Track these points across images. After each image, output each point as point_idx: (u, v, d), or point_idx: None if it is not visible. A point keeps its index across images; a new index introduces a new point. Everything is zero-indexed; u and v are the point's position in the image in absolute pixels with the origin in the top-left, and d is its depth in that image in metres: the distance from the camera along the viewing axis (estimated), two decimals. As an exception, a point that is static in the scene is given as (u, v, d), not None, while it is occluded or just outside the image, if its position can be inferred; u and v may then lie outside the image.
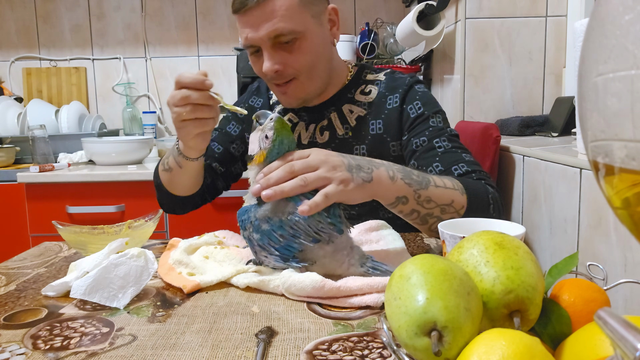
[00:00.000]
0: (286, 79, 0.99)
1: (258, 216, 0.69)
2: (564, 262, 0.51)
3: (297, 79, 0.99)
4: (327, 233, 0.68)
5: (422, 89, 1.07)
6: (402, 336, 0.42)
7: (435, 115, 1.03)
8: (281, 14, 0.92)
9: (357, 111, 1.07)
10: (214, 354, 0.51)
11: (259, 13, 0.92)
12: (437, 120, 1.03)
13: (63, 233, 0.85)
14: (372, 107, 1.06)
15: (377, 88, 1.08)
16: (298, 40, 0.95)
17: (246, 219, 0.71)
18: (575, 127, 1.16)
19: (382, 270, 0.67)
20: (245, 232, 0.72)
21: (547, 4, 1.54)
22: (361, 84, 1.10)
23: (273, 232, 0.68)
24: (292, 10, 0.93)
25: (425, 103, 1.04)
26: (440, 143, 0.98)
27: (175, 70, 2.48)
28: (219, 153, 1.14)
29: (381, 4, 2.43)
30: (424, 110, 1.03)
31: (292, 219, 0.67)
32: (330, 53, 1.04)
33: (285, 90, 1.01)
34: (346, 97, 1.08)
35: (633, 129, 0.26)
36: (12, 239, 1.89)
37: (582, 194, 0.89)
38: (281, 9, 0.92)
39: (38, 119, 2.15)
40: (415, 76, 1.11)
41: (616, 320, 0.26)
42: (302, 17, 0.94)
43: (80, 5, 2.45)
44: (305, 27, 0.95)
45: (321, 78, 1.03)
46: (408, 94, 1.05)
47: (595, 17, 0.29)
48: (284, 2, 0.92)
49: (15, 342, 0.55)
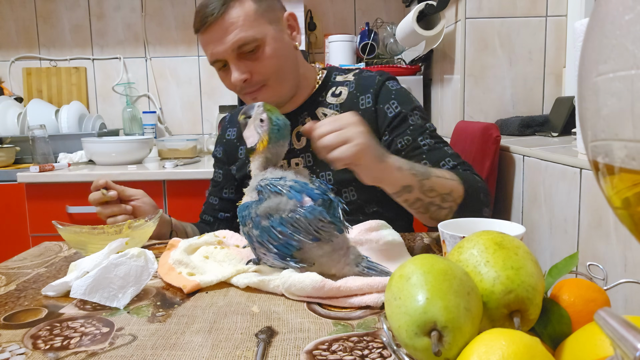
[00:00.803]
0: (256, 87, 1.02)
1: (259, 212, 0.69)
2: (564, 262, 0.51)
3: (267, 84, 1.02)
4: (327, 232, 0.68)
5: (394, 86, 1.08)
6: (402, 336, 0.42)
7: (413, 112, 1.05)
8: (240, 24, 0.96)
9: (329, 113, 1.08)
10: (214, 354, 0.52)
11: (218, 28, 0.97)
12: (416, 118, 1.04)
13: (63, 233, 0.85)
14: (344, 108, 1.08)
15: (347, 89, 1.10)
16: (261, 47, 0.99)
17: (247, 214, 0.71)
18: (575, 127, 1.16)
19: (378, 270, 0.68)
20: (245, 227, 0.71)
21: (547, 4, 1.54)
22: (331, 86, 1.11)
23: (273, 228, 0.68)
24: (250, 19, 0.97)
25: (401, 101, 1.05)
26: (425, 141, 1.02)
27: (175, 70, 2.49)
28: (218, 204, 1.21)
29: (381, 4, 2.43)
30: (402, 109, 1.04)
31: (293, 216, 0.67)
32: (294, 56, 1.06)
33: (257, 96, 1.03)
34: (318, 101, 1.10)
35: (633, 129, 0.26)
36: (12, 239, 1.89)
37: (582, 194, 0.89)
38: (239, 20, 0.96)
39: (38, 119, 2.15)
40: (385, 73, 1.12)
41: (616, 320, 0.26)
42: (260, 25, 0.98)
43: (80, 5, 2.46)
44: (265, 33, 0.99)
45: (290, 80, 1.05)
46: (381, 92, 1.07)
47: (595, 17, 0.29)
48: (241, 13, 0.97)
49: (15, 342, 0.55)
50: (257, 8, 0.99)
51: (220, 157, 1.21)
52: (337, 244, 0.69)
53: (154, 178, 1.82)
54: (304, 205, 0.68)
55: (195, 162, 2.02)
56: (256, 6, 0.99)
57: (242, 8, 0.97)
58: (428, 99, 2.06)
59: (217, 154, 1.23)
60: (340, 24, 2.45)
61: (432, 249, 0.87)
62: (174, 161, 1.93)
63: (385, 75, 1.10)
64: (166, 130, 2.52)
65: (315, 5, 2.43)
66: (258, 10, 0.98)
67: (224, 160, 1.20)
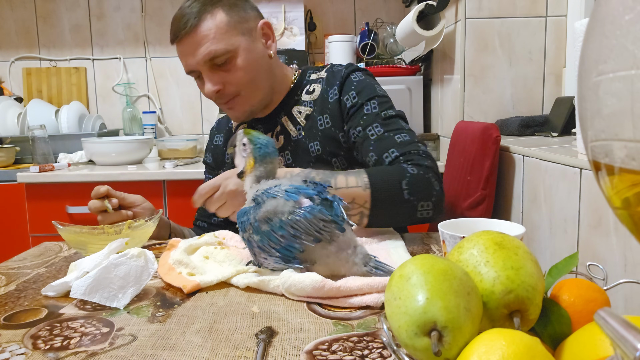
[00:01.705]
0: (229, 97, 1.04)
1: (258, 217, 0.69)
2: (564, 262, 0.51)
3: (240, 94, 1.04)
4: (328, 232, 0.67)
5: (358, 77, 1.09)
6: (402, 336, 0.42)
7: (370, 101, 1.04)
8: (212, 36, 0.98)
9: (304, 110, 1.10)
10: (214, 354, 0.51)
11: (192, 40, 0.99)
12: (372, 106, 1.03)
13: (63, 233, 0.85)
14: (317, 104, 1.09)
15: (320, 85, 1.11)
16: (233, 59, 1.01)
17: (245, 220, 0.71)
18: (575, 127, 1.16)
19: (385, 270, 0.67)
20: (245, 234, 0.71)
21: (547, 4, 1.54)
22: (305, 84, 1.13)
23: (273, 232, 0.68)
24: (222, 32, 0.99)
25: (359, 91, 1.06)
26: (373, 130, 1.01)
27: (175, 70, 2.49)
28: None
29: (381, 4, 2.43)
30: (358, 99, 1.05)
31: (292, 218, 0.67)
32: (267, 65, 1.07)
33: (232, 105, 1.06)
34: (293, 100, 1.12)
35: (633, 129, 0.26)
36: (12, 239, 1.89)
37: (582, 194, 0.89)
38: (211, 32, 0.98)
39: (38, 119, 2.15)
40: (352, 65, 1.13)
41: (616, 320, 0.26)
42: (232, 37, 1.00)
43: (80, 5, 2.46)
44: (237, 45, 1.00)
45: (263, 89, 1.07)
46: (345, 84, 1.08)
47: (595, 17, 0.29)
48: (212, 25, 0.98)
49: (15, 342, 0.55)
50: (229, 20, 1.00)
51: (210, 162, 1.24)
52: (343, 243, 0.68)
53: (154, 178, 1.82)
54: (302, 206, 0.67)
55: (195, 162, 2.02)
56: (228, 18, 1.00)
57: (214, 20, 0.98)
58: (428, 99, 2.06)
59: (207, 159, 1.25)
60: (340, 24, 2.45)
61: (432, 249, 0.87)
62: (173, 161, 1.93)
63: (351, 67, 1.11)
64: (166, 131, 2.52)
65: (315, 5, 2.43)
66: (230, 22, 1.00)
67: (213, 166, 1.23)
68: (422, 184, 0.90)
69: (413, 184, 0.89)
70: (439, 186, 0.92)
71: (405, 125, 1.03)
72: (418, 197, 0.89)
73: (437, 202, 0.91)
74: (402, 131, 1.00)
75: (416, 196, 0.89)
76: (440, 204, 0.92)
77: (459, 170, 1.39)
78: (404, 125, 1.02)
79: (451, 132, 1.58)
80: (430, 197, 0.90)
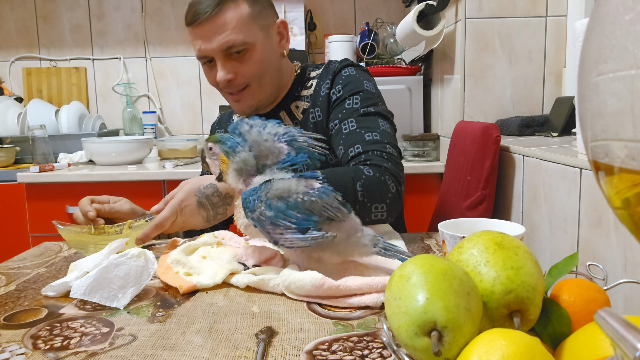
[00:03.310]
0: (238, 88, 1.04)
1: (269, 195, 0.68)
2: (564, 262, 0.51)
3: (249, 87, 1.04)
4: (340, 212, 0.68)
5: (349, 72, 1.09)
6: (402, 336, 0.42)
7: (353, 96, 1.05)
8: (232, 26, 0.98)
9: (301, 105, 1.12)
10: (214, 354, 0.52)
11: (211, 26, 0.98)
12: (354, 101, 1.04)
13: (63, 233, 0.85)
14: (313, 99, 1.11)
15: (316, 80, 1.13)
16: (248, 51, 1.01)
17: (256, 198, 0.69)
18: (575, 127, 1.16)
19: (394, 250, 0.68)
20: (255, 213, 0.69)
21: (547, 4, 1.54)
22: (305, 81, 1.14)
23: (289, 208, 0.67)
24: (243, 23, 0.99)
25: (345, 85, 1.07)
26: (347, 125, 1.01)
27: (175, 70, 2.49)
28: None
29: (381, 4, 2.43)
30: (343, 93, 1.06)
31: (308, 199, 0.67)
32: (278, 64, 1.08)
33: (239, 98, 1.06)
34: (293, 96, 1.13)
35: (633, 129, 0.26)
36: (12, 239, 1.89)
37: (582, 194, 0.89)
38: (232, 22, 0.98)
39: (38, 119, 2.15)
40: (348, 60, 1.13)
41: (616, 320, 0.26)
42: (251, 30, 1.00)
43: (80, 5, 2.45)
44: (255, 38, 1.01)
45: (271, 86, 1.08)
46: (335, 78, 1.09)
47: (595, 17, 0.29)
48: (235, 15, 0.98)
49: (15, 342, 0.55)
50: (251, 12, 1.00)
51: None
52: (350, 227, 0.69)
53: (154, 178, 1.82)
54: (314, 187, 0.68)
55: (195, 163, 2.02)
56: (250, 10, 1.00)
57: (237, 10, 0.98)
58: (428, 99, 2.06)
59: None
60: (340, 24, 2.45)
61: (432, 249, 0.87)
62: (174, 161, 1.93)
63: (345, 62, 1.12)
64: (166, 131, 2.52)
65: (315, 5, 2.43)
66: (251, 15, 1.00)
67: None
68: (377, 186, 0.88)
69: (367, 186, 0.87)
70: (395, 188, 0.90)
71: (382, 124, 1.01)
72: (372, 200, 0.87)
73: (391, 205, 0.89)
74: (375, 130, 0.99)
75: (370, 198, 0.87)
76: (395, 206, 0.91)
77: (459, 170, 1.39)
78: (380, 124, 1.01)
79: (451, 132, 1.58)
80: (384, 200, 0.89)
